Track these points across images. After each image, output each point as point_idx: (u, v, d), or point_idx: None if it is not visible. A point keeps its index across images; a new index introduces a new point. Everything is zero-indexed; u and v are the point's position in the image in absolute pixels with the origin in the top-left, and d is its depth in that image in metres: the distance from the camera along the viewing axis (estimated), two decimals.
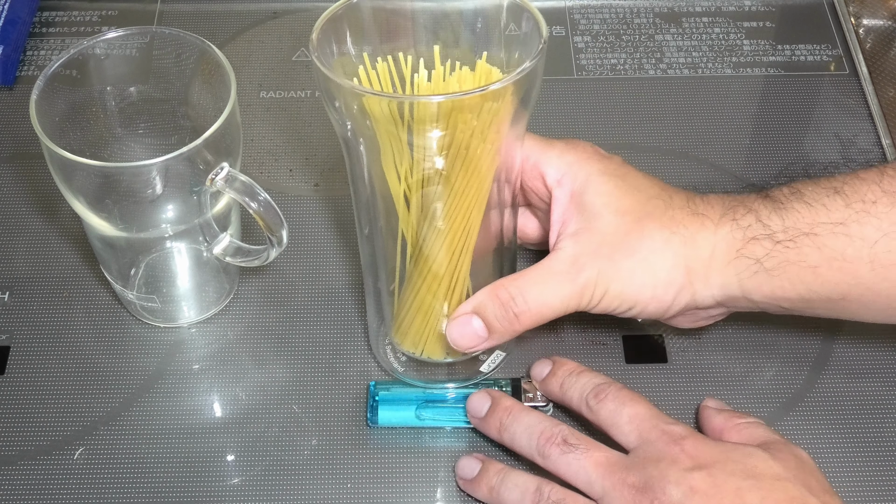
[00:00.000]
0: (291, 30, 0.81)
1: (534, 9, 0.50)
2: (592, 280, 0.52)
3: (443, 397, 0.58)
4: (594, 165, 0.54)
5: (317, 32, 0.51)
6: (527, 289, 0.53)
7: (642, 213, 0.53)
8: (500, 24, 0.52)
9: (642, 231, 0.52)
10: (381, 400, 0.58)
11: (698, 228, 0.52)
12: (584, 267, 0.52)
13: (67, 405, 0.59)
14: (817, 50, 0.79)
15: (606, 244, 0.52)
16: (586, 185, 0.53)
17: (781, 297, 0.52)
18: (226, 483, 0.57)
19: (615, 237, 0.52)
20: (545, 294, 0.53)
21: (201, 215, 0.57)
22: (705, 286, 0.52)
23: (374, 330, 0.60)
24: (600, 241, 0.52)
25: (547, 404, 0.57)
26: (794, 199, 0.52)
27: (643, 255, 0.52)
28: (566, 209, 0.54)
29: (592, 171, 0.54)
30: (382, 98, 0.49)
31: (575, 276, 0.52)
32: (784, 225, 0.51)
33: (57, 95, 0.56)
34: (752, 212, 0.52)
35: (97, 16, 0.81)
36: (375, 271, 0.56)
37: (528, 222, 0.60)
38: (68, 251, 0.67)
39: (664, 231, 0.52)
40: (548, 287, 0.53)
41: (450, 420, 0.58)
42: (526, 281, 0.53)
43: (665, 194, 0.54)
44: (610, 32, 0.80)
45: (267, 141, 0.73)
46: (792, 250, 0.51)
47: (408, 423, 0.58)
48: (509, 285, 0.53)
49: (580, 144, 0.55)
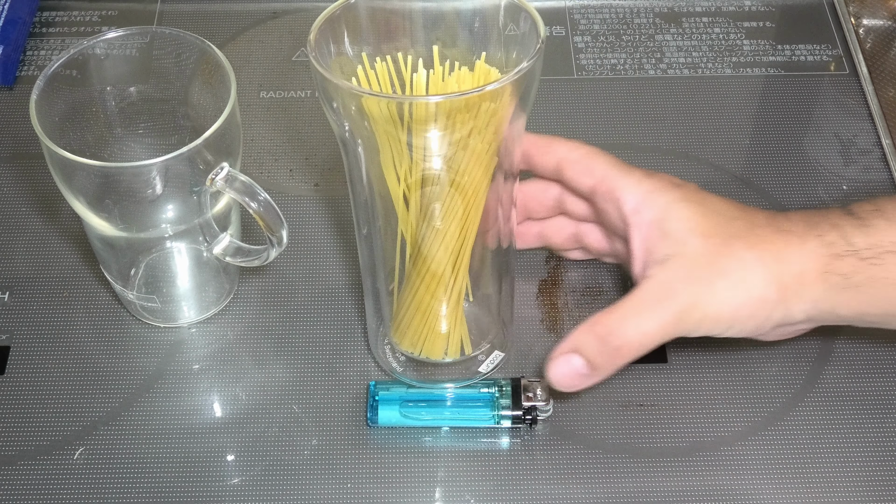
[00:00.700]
0: (291, 30, 0.81)
1: (531, 8, 0.50)
2: (689, 305, 0.52)
3: (442, 397, 0.58)
4: (672, 193, 0.54)
5: (314, 33, 0.50)
6: (624, 321, 0.53)
7: (728, 234, 0.53)
8: (499, 24, 0.52)
9: (731, 252, 0.52)
10: (381, 400, 0.58)
11: (784, 245, 0.52)
12: (679, 293, 0.52)
13: (67, 405, 0.59)
14: (817, 50, 0.79)
15: (698, 268, 0.52)
16: (667, 211, 0.53)
17: (867, 312, 0.53)
18: (226, 483, 0.57)
19: (705, 260, 0.52)
20: (643, 324, 0.52)
21: (201, 215, 0.57)
22: (798, 301, 0.53)
23: (373, 330, 0.60)
24: (691, 265, 0.52)
25: (548, 403, 0.57)
26: (876, 216, 0.52)
27: (736, 275, 0.52)
28: (647, 237, 0.54)
29: (671, 199, 0.54)
30: (381, 99, 0.49)
31: (671, 303, 0.52)
32: (868, 242, 0.52)
33: (57, 95, 0.56)
34: (836, 228, 0.52)
35: (97, 16, 0.81)
36: (374, 271, 0.56)
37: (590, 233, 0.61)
38: (68, 251, 0.67)
39: (753, 250, 0.52)
40: (644, 317, 0.52)
41: (434, 420, 0.58)
42: (622, 313, 0.53)
43: (746, 215, 0.54)
44: (610, 32, 0.80)
45: (267, 141, 0.73)
46: (878, 267, 0.51)
47: (407, 423, 0.58)
48: (606, 320, 0.53)
49: (657, 174, 0.56)
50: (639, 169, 0.56)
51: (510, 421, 0.57)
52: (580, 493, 0.56)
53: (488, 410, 0.57)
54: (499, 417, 0.57)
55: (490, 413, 0.57)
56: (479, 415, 0.57)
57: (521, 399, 0.57)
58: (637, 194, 0.55)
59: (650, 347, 0.53)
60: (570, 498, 0.56)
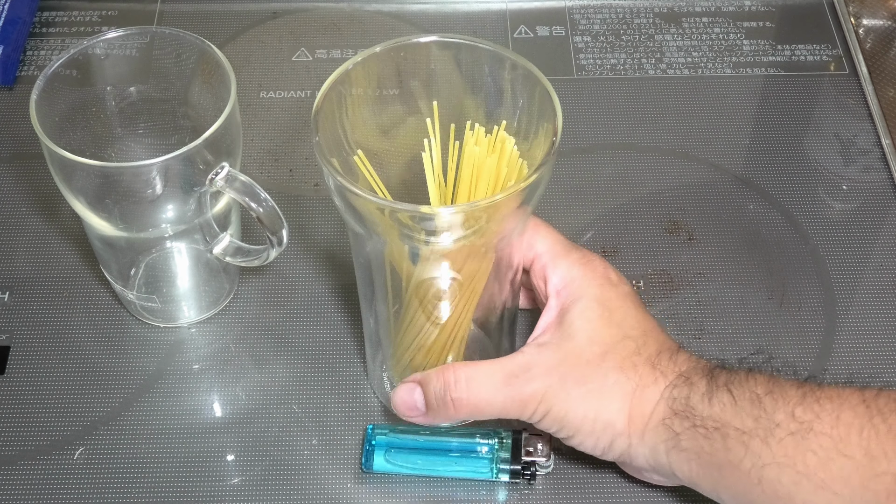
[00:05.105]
0: (291, 30, 0.81)
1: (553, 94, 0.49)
2: (539, 395, 0.51)
3: (440, 446, 0.56)
4: (593, 290, 0.53)
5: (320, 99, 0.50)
6: (473, 378, 0.52)
7: (610, 350, 0.52)
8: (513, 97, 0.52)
9: (600, 365, 0.51)
10: (377, 445, 0.56)
11: (650, 383, 0.51)
12: (535, 378, 0.51)
13: (67, 405, 0.59)
14: (817, 50, 0.79)
15: (565, 365, 0.51)
16: (575, 304, 0.53)
17: (698, 483, 0.51)
18: (226, 483, 0.57)
19: (576, 361, 0.51)
20: (488, 390, 0.52)
21: (201, 215, 0.57)
22: (639, 442, 0.51)
23: (371, 363, 0.59)
24: (561, 360, 0.51)
25: (549, 458, 0.56)
26: (725, 389, 0.49)
27: (593, 388, 0.51)
28: (551, 321, 0.53)
29: (587, 295, 0.53)
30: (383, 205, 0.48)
31: (523, 385, 0.51)
32: (707, 412, 0.49)
33: (57, 95, 0.56)
34: (689, 385, 0.50)
35: (97, 16, 0.81)
36: (377, 322, 0.56)
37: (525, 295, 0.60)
38: (68, 251, 0.67)
39: (620, 374, 0.51)
40: (493, 384, 0.51)
41: (431, 469, 0.56)
42: (476, 371, 0.52)
43: (642, 338, 0.53)
44: (610, 32, 0.80)
45: (267, 141, 0.73)
46: (706, 440, 0.49)
47: (403, 471, 0.56)
48: (459, 369, 0.52)
49: (593, 262, 0.55)
50: (578, 251, 0.55)
51: (508, 475, 0.55)
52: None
53: (487, 463, 0.56)
54: (497, 471, 0.55)
55: (488, 466, 0.56)
56: (476, 466, 0.56)
57: (520, 453, 0.56)
58: (564, 279, 0.54)
59: (488, 415, 0.52)
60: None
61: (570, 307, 0.53)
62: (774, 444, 0.47)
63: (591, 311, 0.52)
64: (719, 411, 0.49)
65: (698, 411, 0.49)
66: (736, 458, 0.48)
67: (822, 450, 0.46)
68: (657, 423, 0.50)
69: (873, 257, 0.67)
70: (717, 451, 0.48)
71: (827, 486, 0.46)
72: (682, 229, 0.68)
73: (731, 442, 0.48)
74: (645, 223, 0.68)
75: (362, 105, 0.53)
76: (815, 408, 0.47)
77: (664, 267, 0.66)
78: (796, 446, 0.46)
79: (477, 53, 0.52)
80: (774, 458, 0.47)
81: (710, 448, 0.49)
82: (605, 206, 0.69)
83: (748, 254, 0.67)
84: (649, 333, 0.53)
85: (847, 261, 0.66)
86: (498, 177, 0.51)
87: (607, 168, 0.71)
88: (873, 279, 0.66)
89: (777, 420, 0.47)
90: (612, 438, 0.51)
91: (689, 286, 0.65)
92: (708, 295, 0.65)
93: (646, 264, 0.66)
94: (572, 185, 0.70)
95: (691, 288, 0.65)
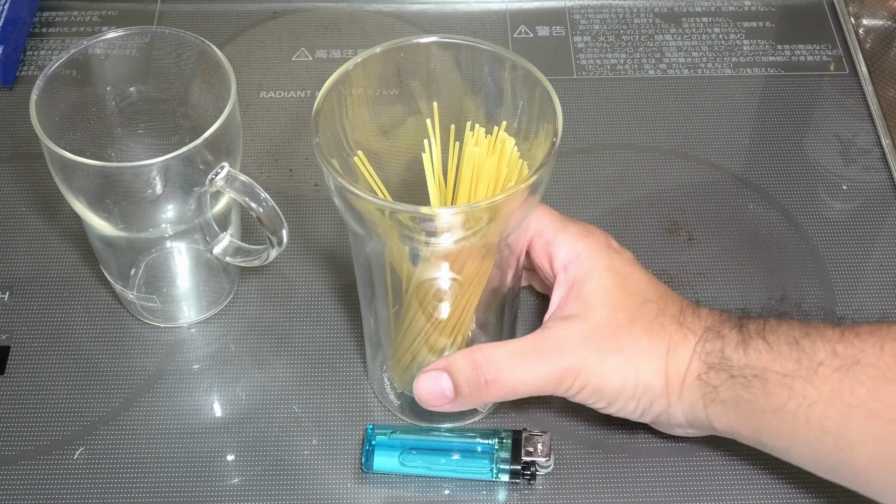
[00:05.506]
0: (291, 30, 0.81)
1: (553, 95, 0.50)
2: (576, 368, 0.51)
3: (439, 446, 0.56)
4: (602, 259, 0.54)
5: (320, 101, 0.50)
6: (504, 359, 0.52)
7: (635, 314, 0.52)
8: (514, 97, 0.52)
9: (631, 332, 0.52)
10: (377, 445, 0.56)
11: (681, 340, 0.52)
12: (569, 352, 0.51)
13: (67, 405, 0.59)
14: (817, 50, 0.79)
15: (596, 336, 0.51)
16: (590, 276, 0.53)
17: (739, 432, 0.51)
18: (226, 483, 0.57)
19: (606, 331, 0.52)
20: (522, 369, 0.51)
21: (201, 215, 0.57)
22: (677, 400, 0.52)
23: (371, 364, 0.59)
24: (591, 331, 0.52)
25: (549, 458, 0.55)
26: (758, 337, 0.50)
27: (629, 354, 0.51)
28: (566, 295, 0.53)
29: (598, 265, 0.53)
30: (384, 206, 0.48)
31: (559, 359, 0.51)
32: (743, 361, 0.50)
33: (57, 95, 0.56)
34: (720, 338, 0.51)
35: (97, 16, 0.81)
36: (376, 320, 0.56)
37: (532, 277, 0.61)
38: (68, 251, 0.67)
39: (651, 337, 0.52)
40: (527, 362, 0.51)
41: (430, 469, 0.56)
42: (506, 351, 0.52)
43: (661, 300, 0.53)
44: (610, 32, 0.80)
45: (267, 141, 0.73)
46: (745, 389, 0.50)
47: (403, 471, 0.56)
48: (488, 350, 0.52)
49: (594, 233, 0.55)
50: (576, 224, 0.55)
51: (508, 475, 0.55)
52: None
53: (487, 463, 0.55)
54: (497, 471, 0.55)
55: (488, 466, 0.55)
56: (476, 466, 0.55)
57: (521, 453, 0.55)
58: (569, 253, 0.54)
59: (523, 394, 0.52)
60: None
61: (584, 279, 0.53)
62: (819, 381, 0.48)
63: (608, 279, 0.53)
64: (755, 359, 0.50)
65: (734, 361, 0.50)
66: (779, 402, 0.49)
67: (870, 380, 0.47)
68: (693, 379, 0.51)
69: (873, 257, 0.67)
70: (758, 397, 0.49)
71: (879, 413, 0.47)
72: (682, 229, 0.68)
73: (771, 387, 0.49)
74: (645, 223, 0.68)
75: (362, 105, 0.53)
76: (857, 342, 0.48)
77: (664, 267, 0.66)
78: (842, 380, 0.47)
79: (477, 54, 0.52)
80: (821, 396, 0.48)
81: (749, 395, 0.49)
82: (605, 206, 0.69)
83: (748, 254, 0.67)
84: (665, 294, 0.54)
85: (847, 261, 0.66)
86: (498, 177, 0.51)
87: (607, 168, 0.71)
88: (873, 279, 0.66)
89: (819, 359, 0.48)
90: (651, 401, 0.52)
91: (689, 286, 0.65)
92: (708, 295, 0.65)
93: (646, 264, 0.65)
94: (572, 185, 0.70)
95: (691, 288, 0.65)
